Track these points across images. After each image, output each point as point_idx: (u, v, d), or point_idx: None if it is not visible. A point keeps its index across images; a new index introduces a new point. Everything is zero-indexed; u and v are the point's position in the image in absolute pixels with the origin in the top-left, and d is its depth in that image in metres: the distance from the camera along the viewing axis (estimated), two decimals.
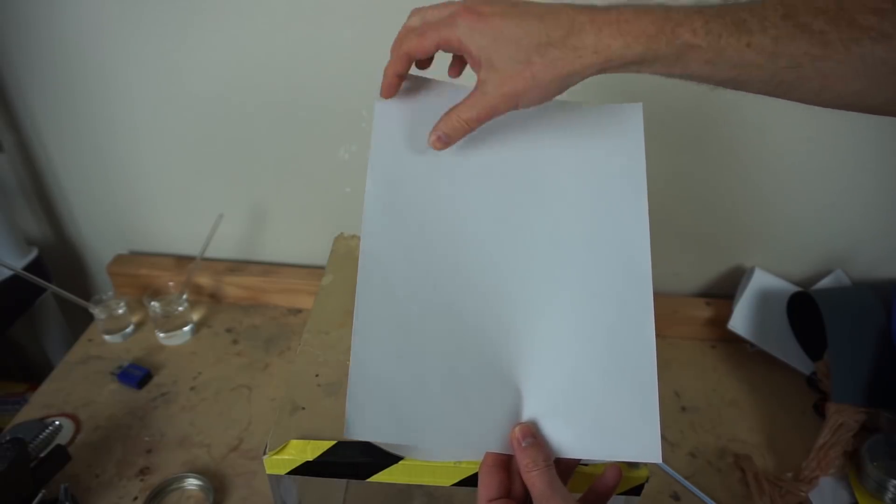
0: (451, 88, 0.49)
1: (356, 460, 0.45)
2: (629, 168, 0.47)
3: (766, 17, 0.36)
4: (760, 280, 0.88)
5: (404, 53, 0.44)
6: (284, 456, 0.45)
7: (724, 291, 0.94)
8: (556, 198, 0.47)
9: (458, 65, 0.48)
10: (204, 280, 0.96)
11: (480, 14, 0.40)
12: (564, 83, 0.40)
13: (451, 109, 0.44)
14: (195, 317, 0.93)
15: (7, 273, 0.86)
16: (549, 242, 0.46)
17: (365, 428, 0.40)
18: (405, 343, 0.42)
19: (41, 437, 0.64)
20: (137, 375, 0.82)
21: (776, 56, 0.36)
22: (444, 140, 0.45)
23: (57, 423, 0.66)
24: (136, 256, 1.01)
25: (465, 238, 0.46)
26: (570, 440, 0.42)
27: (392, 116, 0.47)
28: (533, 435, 0.41)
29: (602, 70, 0.39)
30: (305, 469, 0.45)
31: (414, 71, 0.48)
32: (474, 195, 0.47)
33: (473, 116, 0.43)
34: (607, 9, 0.39)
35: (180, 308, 0.89)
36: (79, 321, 0.94)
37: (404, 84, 0.48)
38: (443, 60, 0.47)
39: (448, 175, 0.47)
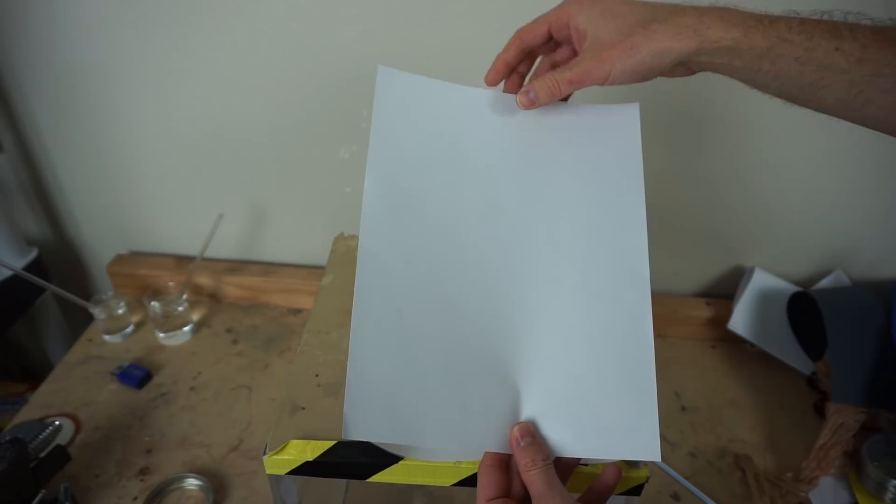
0: (452, 88, 0.49)
1: (356, 460, 0.45)
2: (627, 167, 0.48)
3: (857, 28, 0.39)
4: (760, 280, 0.88)
5: (516, 37, 0.47)
6: (284, 456, 0.45)
7: (724, 291, 0.94)
8: (553, 197, 0.47)
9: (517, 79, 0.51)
10: (204, 280, 0.96)
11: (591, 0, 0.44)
12: (658, 59, 0.42)
13: (548, 73, 0.45)
14: (195, 317, 0.93)
15: (7, 273, 0.86)
16: (546, 242, 0.46)
17: (363, 428, 0.40)
18: (403, 342, 0.42)
19: (41, 437, 0.64)
20: (137, 375, 0.82)
21: (862, 62, 0.38)
22: (532, 98, 0.46)
23: (57, 423, 0.66)
24: (136, 256, 1.01)
25: (463, 237, 0.46)
26: (568, 439, 0.42)
27: (392, 115, 0.47)
28: (531, 434, 0.41)
29: (697, 52, 0.41)
30: (305, 469, 0.45)
31: (414, 70, 0.48)
32: (473, 194, 0.47)
33: (566, 77, 0.44)
34: (710, 7, 0.42)
35: (180, 308, 0.89)
36: (79, 321, 0.94)
37: (405, 83, 0.48)
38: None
39: (447, 177, 0.47)
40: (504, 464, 0.42)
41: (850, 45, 0.38)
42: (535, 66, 0.52)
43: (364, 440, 0.41)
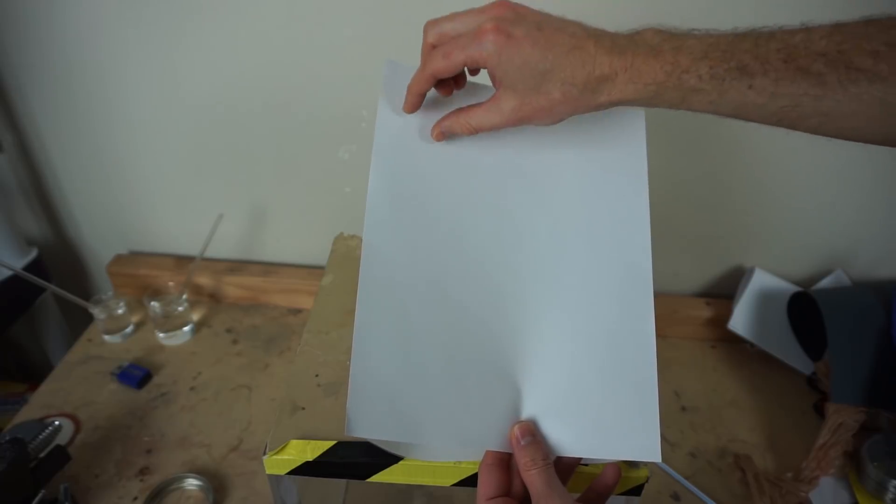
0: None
1: (356, 460, 0.45)
2: (631, 169, 0.48)
3: (768, 60, 0.38)
4: (760, 280, 0.88)
5: (429, 75, 0.44)
6: (284, 456, 0.45)
7: (724, 291, 0.94)
8: (558, 198, 0.47)
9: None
10: (204, 280, 0.96)
11: (510, 37, 0.41)
12: (575, 114, 0.44)
13: (462, 111, 0.46)
14: (195, 317, 0.93)
15: (7, 273, 0.86)
16: (550, 242, 0.46)
17: (365, 425, 0.40)
18: (406, 339, 0.42)
19: (41, 437, 0.64)
20: (137, 375, 0.82)
21: (776, 96, 0.38)
22: (446, 136, 0.48)
23: (57, 423, 0.66)
24: (136, 256, 1.01)
25: (466, 236, 0.46)
26: (569, 439, 0.42)
27: (395, 113, 0.48)
28: (532, 433, 0.41)
29: (610, 106, 0.43)
30: (305, 469, 0.45)
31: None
32: (476, 194, 0.47)
33: (484, 125, 0.45)
34: (623, 51, 0.40)
35: (180, 308, 0.89)
36: (79, 321, 0.94)
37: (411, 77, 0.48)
38: None
39: (451, 173, 0.47)
40: (504, 463, 0.42)
41: (761, 80, 0.38)
42: None
43: (366, 437, 0.41)
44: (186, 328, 0.90)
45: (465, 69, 0.46)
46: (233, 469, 0.72)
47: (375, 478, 0.45)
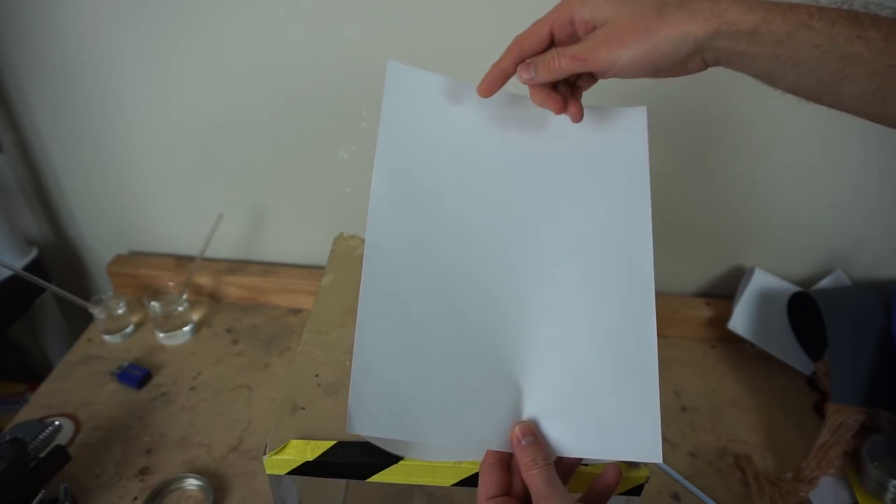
0: (461, 85, 0.49)
1: (356, 460, 0.45)
2: (633, 170, 0.48)
3: (879, 19, 0.37)
4: (760, 280, 0.88)
5: (514, 44, 0.43)
6: (284, 456, 0.45)
7: (724, 291, 0.94)
8: (560, 197, 0.47)
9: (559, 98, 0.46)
10: (204, 280, 0.96)
11: None
12: (675, 46, 0.39)
13: (553, 50, 0.43)
14: (195, 317, 0.93)
15: (7, 273, 0.86)
16: (552, 242, 0.46)
17: (366, 423, 0.40)
18: (408, 338, 0.42)
19: (41, 437, 0.64)
20: (137, 375, 0.82)
21: (884, 52, 0.36)
22: (531, 72, 0.43)
23: (57, 423, 0.66)
24: (136, 256, 1.01)
25: (469, 235, 0.46)
26: (570, 439, 0.42)
27: (400, 110, 0.48)
28: (533, 433, 0.41)
29: (716, 36, 0.38)
30: (305, 469, 0.45)
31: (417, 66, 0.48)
32: (479, 195, 0.47)
33: (570, 53, 0.41)
34: None
35: (180, 308, 0.89)
36: (79, 321, 0.94)
37: (414, 79, 0.48)
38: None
39: (453, 174, 0.47)
40: (505, 462, 0.42)
41: (872, 33, 0.36)
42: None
43: (367, 434, 0.41)
44: (186, 328, 0.90)
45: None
46: (233, 469, 0.72)
47: (375, 478, 0.45)
